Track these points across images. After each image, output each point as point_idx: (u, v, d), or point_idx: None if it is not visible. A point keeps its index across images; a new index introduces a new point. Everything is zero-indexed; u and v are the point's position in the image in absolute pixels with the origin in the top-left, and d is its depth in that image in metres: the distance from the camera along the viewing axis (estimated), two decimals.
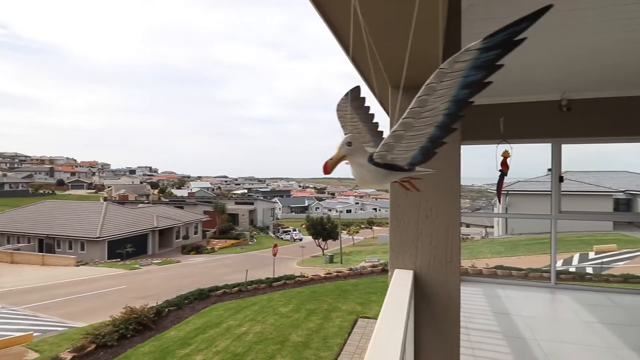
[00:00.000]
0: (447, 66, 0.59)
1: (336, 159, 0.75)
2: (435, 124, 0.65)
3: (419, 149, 0.68)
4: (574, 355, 3.10)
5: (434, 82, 0.60)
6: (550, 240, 5.11)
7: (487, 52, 0.56)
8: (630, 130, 4.72)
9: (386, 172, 0.73)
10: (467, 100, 0.62)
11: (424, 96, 0.62)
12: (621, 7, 2.43)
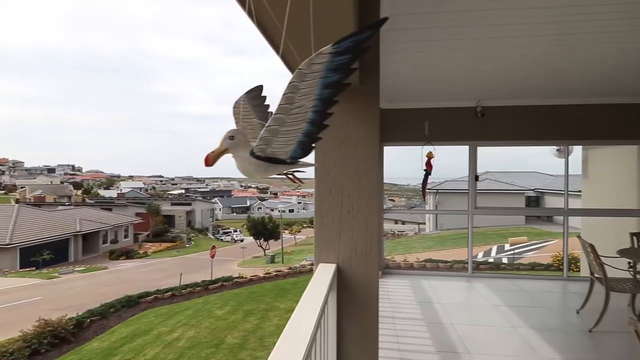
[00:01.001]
0: (305, 67, 0.65)
1: (218, 152, 0.78)
2: (307, 120, 0.70)
3: (296, 144, 0.74)
4: (483, 336, 3.45)
5: (296, 82, 0.65)
6: (467, 234, 5.61)
7: (339, 56, 0.62)
8: (537, 135, 5.36)
9: (267, 164, 0.77)
10: (332, 99, 0.68)
11: (289, 94, 0.67)
12: (527, 26, 2.77)
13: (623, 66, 3.67)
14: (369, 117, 2.15)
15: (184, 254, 29.82)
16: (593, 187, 6.73)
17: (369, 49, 0.64)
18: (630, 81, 4.22)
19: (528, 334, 3.48)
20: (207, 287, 11.52)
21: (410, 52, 3.36)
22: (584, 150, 6.95)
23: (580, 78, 4.14)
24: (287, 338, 1.17)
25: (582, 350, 3.20)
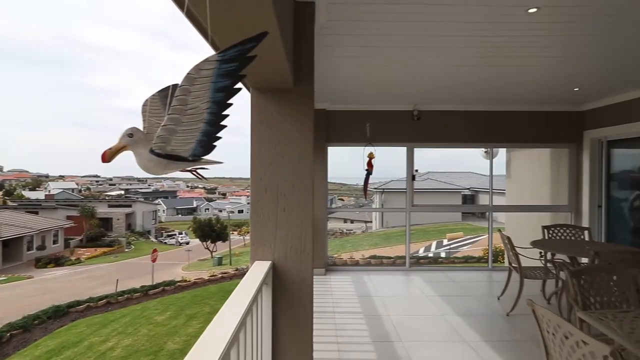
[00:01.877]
0: (193, 72, 0.70)
1: (116, 149, 0.80)
2: (204, 120, 0.75)
3: (196, 142, 0.78)
4: (415, 324, 3.69)
5: (186, 85, 0.70)
6: (405, 231, 5.94)
7: (226, 63, 0.68)
8: (467, 138, 5.81)
9: (166, 161, 0.80)
10: (225, 102, 0.74)
11: (181, 96, 0.71)
12: (456, 38, 3.01)
13: (541, 78, 4.13)
14: (303, 118, 2.23)
15: (122, 259, 27.93)
16: (515, 185, 7.46)
17: (254, 58, 0.69)
18: (547, 91, 4.75)
19: (455, 320, 3.78)
20: (146, 292, 10.91)
21: (352, 56, 3.49)
22: (508, 153, 7.68)
23: (504, 87, 4.57)
24: (205, 339, 1.18)
25: (500, 332, 3.55)
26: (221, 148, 0.85)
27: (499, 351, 3.13)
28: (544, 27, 2.79)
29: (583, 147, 5.57)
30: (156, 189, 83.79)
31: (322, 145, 5.61)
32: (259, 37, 0.70)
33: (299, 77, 2.21)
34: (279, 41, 1.44)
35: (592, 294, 2.52)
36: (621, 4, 2.40)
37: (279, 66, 1.77)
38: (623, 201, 5.18)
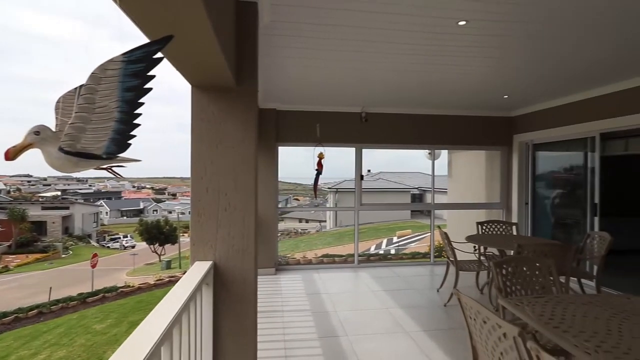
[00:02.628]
0: (98, 71, 0.71)
1: (20, 146, 0.78)
2: (115, 119, 0.75)
3: (109, 140, 0.78)
4: (361, 318, 3.83)
5: (92, 84, 0.71)
6: (354, 230, 6.11)
7: (133, 64, 0.70)
8: (411, 140, 6.10)
9: (76, 159, 0.80)
10: (136, 101, 0.75)
11: (87, 95, 0.71)
12: (399, 46, 3.15)
13: (475, 85, 4.45)
14: (246, 118, 2.23)
15: (58, 265, 25.73)
16: (455, 185, 7.97)
17: (161, 60, 0.71)
18: (481, 98, 5.13)
19: (398, 313, 3.98)
20: (84, 300, 10.15)
21: (300, 58, 3.54)
22: (449, 154, 8.18)
23: (444, 93, 4.87)
24: (134, 337, 1.17)
25: (438, 322, 3.79)
26: (170, 146, 0.84)
27: (436, 339, 3.35)
28: (473, 39, 3.02)
29: (513, 149, 6.10)
30: (98, 189, 78.12)
31: (272, 145, 5.61)
32: (165, 40, 0.72)
33: (242, 76, 2.21)
34: (213, 40, 1.45)
35: (513, 282, 2.78)
36: (544, 22, 2.68)
37: (217, 65, 1.76)
38: (546, 199, 5.75)
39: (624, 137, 4.48)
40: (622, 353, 1.63)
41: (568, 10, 2.49)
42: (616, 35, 2.90)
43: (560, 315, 2.05)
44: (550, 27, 2.77)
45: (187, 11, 1.20)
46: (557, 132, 5.19)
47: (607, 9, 2.45)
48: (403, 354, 3.07)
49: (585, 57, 3.43)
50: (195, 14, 1.22)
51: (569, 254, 3.49)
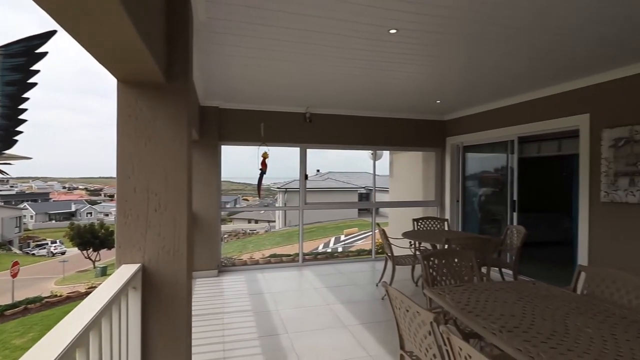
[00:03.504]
0: None
1: None
2: None
3: None
4: (302, 316, 3.89)
5: None
6: (299, 229, 6.17)
7: (12, 58, 0.69)
8: (355, 141, 6.28)
9: None
10: (19, 96, 0.73)
11: None
12: (341, 50, 3.24)
13: (411, 90, 4.71)
14: (178, 116, 2.17)
15: None
16: (396, 184, 8.36)
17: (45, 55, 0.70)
18: (417, 102, 5.44)
19: (338, 308, 4.10)
20: (2, 313, 9.10)
21: (242, 57, 3.50)
22: (391, 155, 8.55)
23: (383, 96, 5.09)
24: (46, 340, 1.11)
25: (375, 314, 3.97)
26: (107, 144, 0.79)
27: (372, 331, 3.51)
28: (405, 47, 3.22)
29: (446, 151, 6.55)
30: (21, 190, 70.38)
31: (215, 144, 5.48)
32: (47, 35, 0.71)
33: (173, 73, 2.15)
34: (133, 34, 1.41)
35: (439, 274, 3.00)
36: (470, 36, 2.92)
37: (141, 59, 1.71)
38: (474, 196, 6.26)
39: (537, 141, 5.02)
40: (522, 332, 1.84)
41: (492, 32, 2.75)
42: (528, 51, 3.25)
43: (475, 301, 2.26)
44: (476, 41, 3.03)
45: None
46: (483, 135, 5.67)
47: (522, 27, 2.75)
48: (340, 347, 3.18)
49: (506, 69, 3.79)
50: (109, 3, 1.18)
51: (489, 246, 3.84)
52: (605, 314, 2.07)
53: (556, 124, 4.46)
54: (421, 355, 2.07)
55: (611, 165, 3.74)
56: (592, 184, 3.98)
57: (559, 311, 2.11)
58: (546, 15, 2.56)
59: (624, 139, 3.63)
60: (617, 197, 3.69)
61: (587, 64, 3.63)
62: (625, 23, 2.66)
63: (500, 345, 1.76)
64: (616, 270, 2.44)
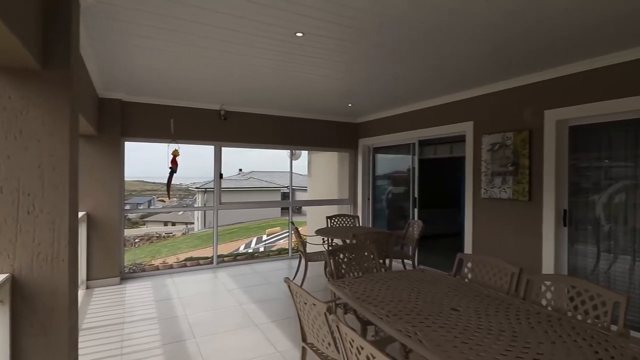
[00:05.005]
0: None
1: None
2: None
3: None
4: (212, 319, 3.79)
5: None
6: (213, 230, 5.98)
7: None
8: (272, 140, 6.28)
9: None
10: None
11: None
12: (255, 49, 3.19)
13: (323, 92, 4.86)
14: (58, 108, 1.96)
15: None
16: (314, 183, 8.59)
17: None
18: (330, 104, 5.64)
19: (250, 308, 4.08)
20: None
21: (145, 48, 3.26)
22: (309, 155, 8.76)
23: (298, 97, 5.18)
24: None
25: (286, 311, 4.04)
26: None
27: (282, 327, 3.57)
28: (313, 51, 3.33)
29: (358, 152, 6.94)
30: None
31: (117, 140, 5.03)
32: None
33: (51, 60, 1.94)
34: None
35: (344, 267, 3.18)
36: (375, 45, 3.12)
37: (3, 43, 1.51)
38: (383, 195, 6.73)
39: (434, 144, 5.60)
40: (405, 314, 2.05)
41: (389, 45, 2.99)
42: (424, 65, 3.61)
43: (370, 290, 2.45)
44: (378, 52, 3.26)
45: None
46: (390, 138, 6.13)
47: (419, 40, 3.04)
48: (249, 346, 3.18)
49: (406, 79, 4.14)
50: None
51: (390, 240, 4.18)
52: (475, 294, 2.41)
53: (448, 129, 5.03)
54: (319, 345, 2.18)
55: (489, 166, 4.35)
56: (475, 183, 4.57)
57: (438, 294, 2.40)
58: (438, 37, 2.87)
59: (498, 143, 4.25)
60: (493, 193, 4.30)
61: (472, 79, 4.16)
62: (502, 43, 3.12)
63: (384, 328, 1.94)
64: (486, 256, 2.85)
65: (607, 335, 1.78)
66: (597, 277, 3.54)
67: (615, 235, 3.43)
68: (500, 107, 4.30)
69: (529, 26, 2.73)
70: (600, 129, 3.52)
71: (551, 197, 3.73)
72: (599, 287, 2.14)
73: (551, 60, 3.48)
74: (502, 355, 1.59)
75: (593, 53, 3.28)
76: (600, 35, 2.89)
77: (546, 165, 3.78)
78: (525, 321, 1.96)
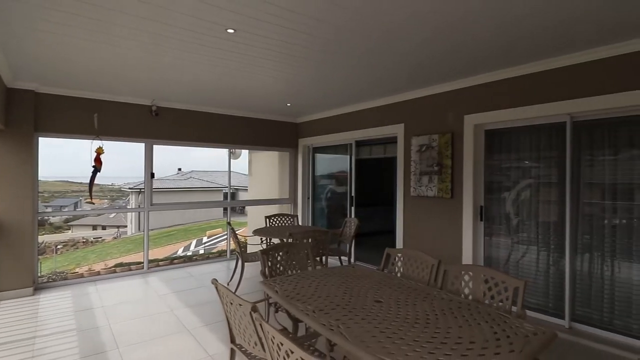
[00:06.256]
0: None
1: None
2: None
3: None
4: (139, 327, 3.57)
5: None
6: (144, 233, 5.64)
7: None
8: (209, 138, 6.07)
9: None
10: None
11: None
12: (186, 44, 3.04)
13: (262, 91, 4.80)
14: None
15: None
16: (254, 182, 8.48)
17: None
18: (270, 103, 5.60)
19: (182, 313, 3.92)
20: None
21: (61, 35, 2.97)
22: (250, 154, 8.63)
23: (237, 95, 5.06)
24: None
25: (221, 314, 3.92)
26: None
27: (215, 331, 3.48)
28: (246, 48, 3.28)
29: (298, 151, 6.98)
30: None
31: (29, 135, 4.52)
32: None
33: None
34: None
35: (278, 267, 3.19)
36: (304, 46, 3.15)
37: None
38: (322, 194, 6.85)
39: (369, 145, 5.83)
40: (331, 309, 2.12)
41: (316, 47, 3.04)
42: (359, 70, 3.73)
43: (300, 288, 2.49)
44: (316, 53, 3.30)
45: None
46: (329, 138, 6.26)
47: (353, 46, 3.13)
48: (179, 352, 3.05)
49: (342, 81, 4.25)
50: None
51: (326, 238, 4.27)
52: (398, 286, 2.56)
53: (382, 130, 5.26)
54: (246, 346, 2.16)
55: (417, 166, 4.63)
56: (405, 181, 4.84)
57: (364, 288, 2.50)
58: (373, 47, 2.99)
59: (425, 145, 4.55)
60: (421, 191, 4.59)
61: (404, 84, 4.40)
62: (432, 52, 3.33)
63: (309, 324, 1.98)
64: (410, 250, 3.03)
65: (506, 317, 1.99)
66: (508, 265, 3.94)
67: (522, 228, 3.85)
68: (428, 111, 4.61)
69: (454, 42, 2.96)
70: (511, 133, 3.92)
71: (470, 195, 4.08)
72: (503, 274, 2.38)
73: (471, 69, 3.80)
74: (415, 341, 1.71)
75: (505, 64, 3.65)
76: (509, 52, 3.23)
77: (466, 166, 4.13)
78: (439, 308, 2.12)
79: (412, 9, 2.50)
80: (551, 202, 3.63)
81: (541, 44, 3.10)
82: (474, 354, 1.59)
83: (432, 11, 2.53)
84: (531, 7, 2.46)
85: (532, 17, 2.62)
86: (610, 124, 3.26)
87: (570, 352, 3.09)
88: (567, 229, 3.45)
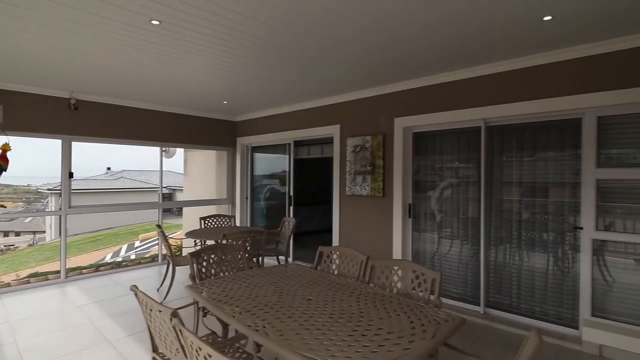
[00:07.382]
0: None
1: None
2: None
3: None
4: (51, 342, 3.23)
5: None
6: (61, 238, 5.13)
7: None
8: (138, 135, 5.67)
9: None
10: None
11: None
12: (103, 33, 2.78)
13: (199, 88, 4.59)
14: None
15: None
16: (191, 182, 8.12)
17: None
18: (206, 101, 5.38)
19: (104, 324, 3.63)
20: None
21: None
22: (185, 153, 8.25)
23: (171, 91, 4.79)
24: None
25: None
26: None
27: (139, 341, 3.27)
28: (172, 42, 3.13)
29: (236, 150, 6.83)
30: None
31: None
32: None
33: None
34: None
35: (210, 269, 3.08)
36: (249, 42, 3.07)
37: None
38: (260, 194, 6.77)
39: (307, 145, 5.88)
40: (259, 309, 2.10)
41: (242, 42, 2.99)
42: (294, 70, 3.74)
43: (229, 290, 2.43)
44: (243, 49, 3.24)
45: None
46: (267, 138, 6.20)
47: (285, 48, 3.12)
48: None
49: (278, 81, 4.22)
50: None
51: (262, 238, 4.23)
52: (327, 282, 2.61)
53: (320, 131, 5.34)
54: (168, 353, 2.07)
55: (352, 166, 4.78)
56: (341, 181, 4.97)
57: (295, 286, 2.52)
58: (306, 48, 3.01)
59: (359, 146, 4.71)
60: (356, 190, 4.74)
61: (339, 86, 4.50)
62: (358, 59, 3.43)
63: (235, 326, 1.95)
64: (342, 247, 3.11)
65: (423, 307, 2.14)
66: (434, 259, 4.22)
67: (445, 224, 4.15)
68: (362, 113, 4.77)
69: (382, 42, 3.09)
70: (436, 136, 4.21)
71: (399, 193, 4.31)
72: (423, 267, 2.55)
73: (402, 75, 4.01)
74: (337, 335, 1.76)
75: (430, 71, 3.91)
76: (434, 57, 3.46)
77: (395, 166, 4.35)
78: (364, 302, 2.21)
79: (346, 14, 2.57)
80: (469, 200, 3.96)
81: (466, 54, 3.38)
82: (391, 343, 1.69)
83: (375, 26, 2.62)
84: (451, 21, 2.66)
85: (455, 28, 2.83)
86: (517, 129, 3.64)
87: (484, 335, 3.40)
88: (482, 224, 3.79)
